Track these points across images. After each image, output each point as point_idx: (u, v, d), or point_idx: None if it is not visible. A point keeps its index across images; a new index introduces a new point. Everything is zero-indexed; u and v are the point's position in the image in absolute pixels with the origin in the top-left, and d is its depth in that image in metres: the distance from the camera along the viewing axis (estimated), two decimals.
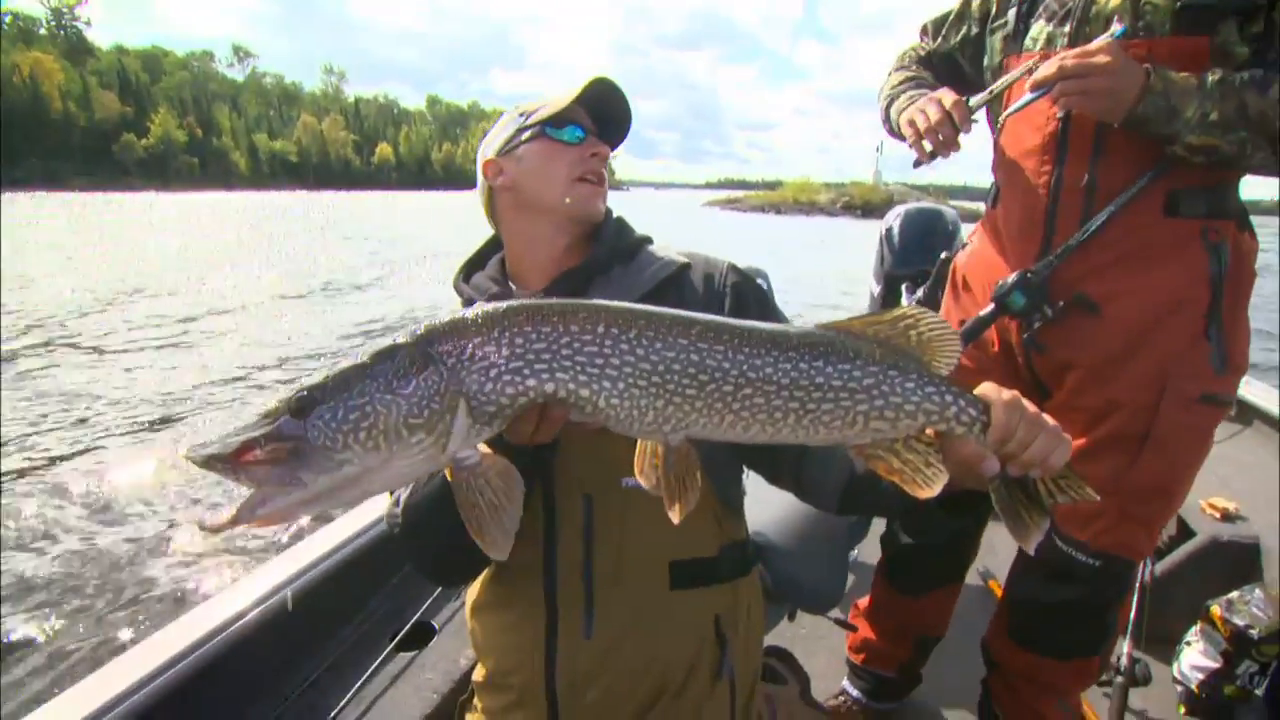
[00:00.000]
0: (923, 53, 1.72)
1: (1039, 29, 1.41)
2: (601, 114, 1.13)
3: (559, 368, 0.72)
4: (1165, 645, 2.04)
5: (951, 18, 1.66)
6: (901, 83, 1.64)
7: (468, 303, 1.02)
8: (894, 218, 2.41)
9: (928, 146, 1.45)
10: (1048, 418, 0.75)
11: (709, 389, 0.74)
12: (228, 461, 0.64)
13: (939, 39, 1.68)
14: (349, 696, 1.53)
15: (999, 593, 2.21)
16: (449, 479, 0.75)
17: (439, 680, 1.61)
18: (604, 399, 0.73)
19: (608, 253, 1.10)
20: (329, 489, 0.66)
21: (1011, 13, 1.47)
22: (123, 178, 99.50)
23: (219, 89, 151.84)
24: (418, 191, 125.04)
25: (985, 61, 1.57)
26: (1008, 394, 0.77)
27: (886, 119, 1.63)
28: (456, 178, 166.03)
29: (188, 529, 4.36)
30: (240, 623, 1.55)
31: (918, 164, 1.50)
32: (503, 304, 0.73)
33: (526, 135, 1.09)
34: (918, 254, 2.28)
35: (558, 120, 1.09)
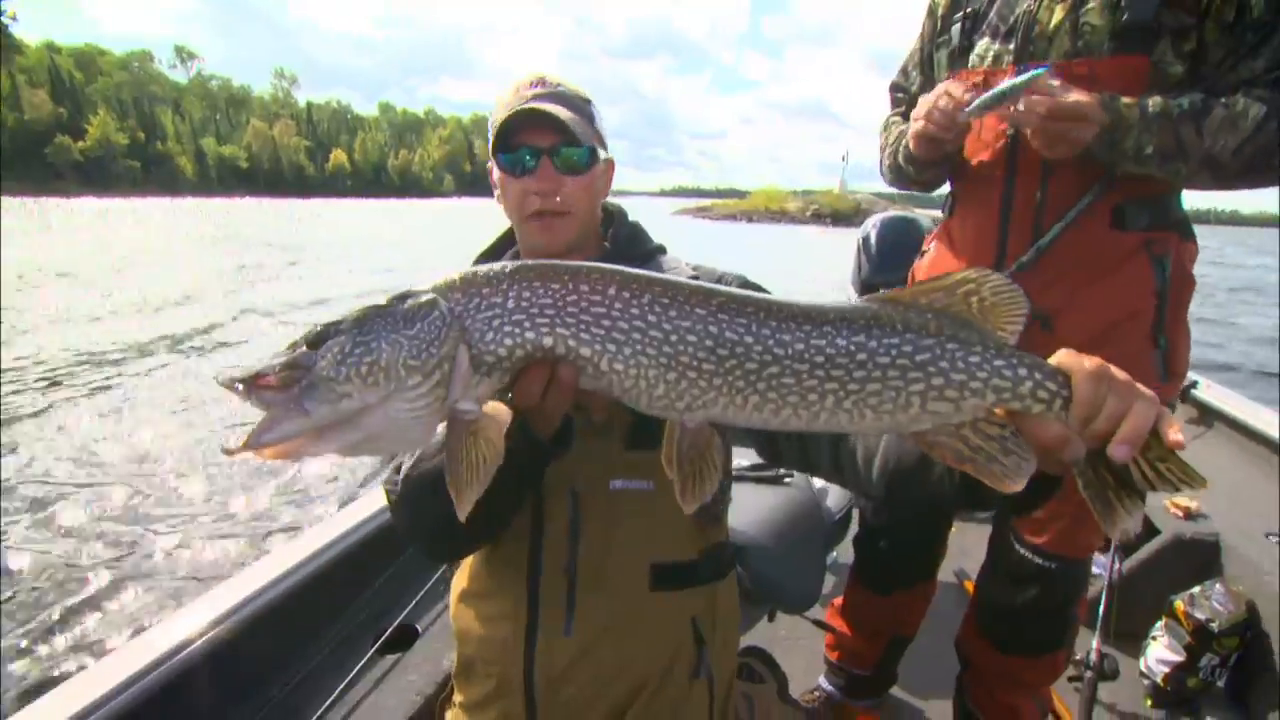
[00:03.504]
0: (901, 109, 1.73)
1: (984, 46, 1.44)
2: (542, 120, 1.02)
3: (561, 324, 0.70)
4: (1133, 640, 2.12)
5: (910, 62, 1.69)
6: (897, 134, 1.64)
7: None
8: (871, 226, 2.47)
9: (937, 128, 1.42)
10: (1142, 386, 0.64)
11: (729, 365, 0.68)
12: (244, 384, 0.66)
13: (909, 84, 1.70)
14: (332, 698, 1.53)
15: (973, 591, 2.27)
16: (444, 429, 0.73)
17: (421, 682, 1.62)
18: (607, 362, 0.70)
19: (618, 262, 1.07)
20: (331, 421, 0.67)
21: (955, 29, 1.50)
22: (56, 182, 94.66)
23: (161, 91, 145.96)
24: (375, 200, 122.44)
25: (935, 75, 1.60)
26: (1091, 361, 0.65)
27: (909, 161, 1.58)
28: (412, 186, 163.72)
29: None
30: (224, 624, 1.54)
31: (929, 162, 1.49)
32: (519, 262, 0.72)
33: (491, 151, 1.07)
34: (895, 261, 2.33)
35: (503, 143, 1.04)
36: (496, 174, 1.07)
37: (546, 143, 1.02)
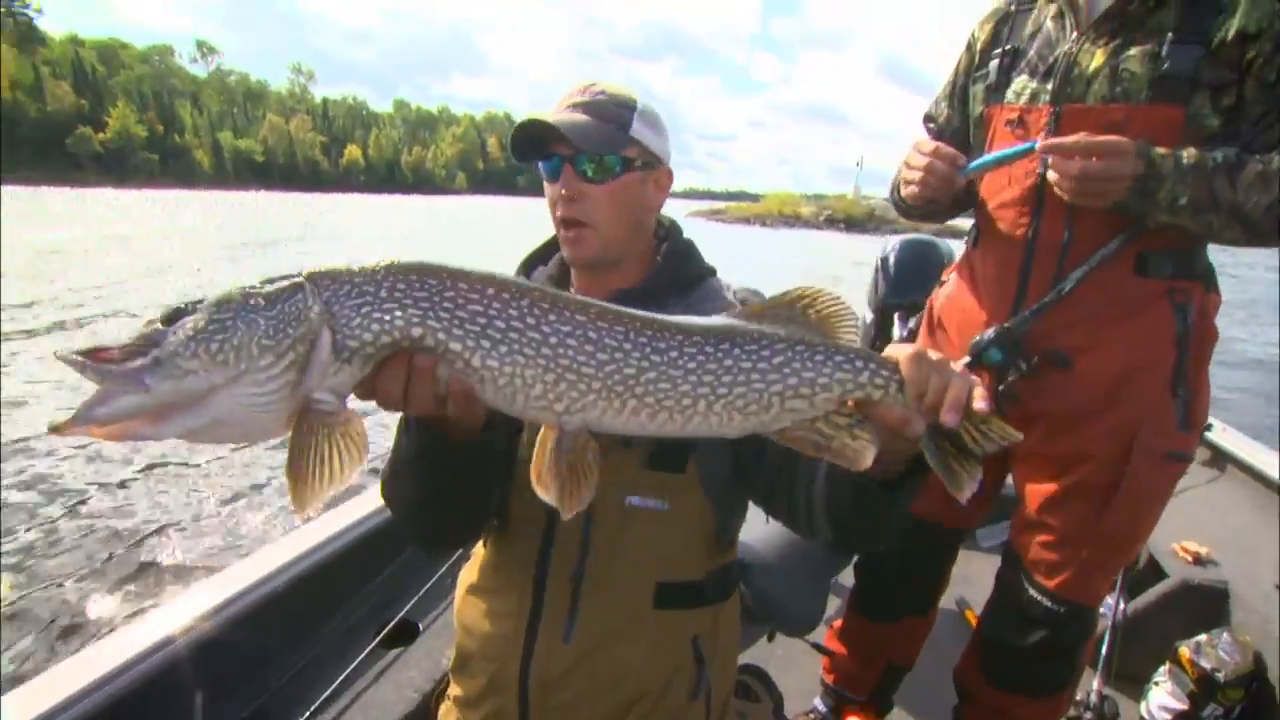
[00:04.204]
0: (930, 139, 1.73)
1: (1021, 84, 1.45)
2: (540, 131, 1.02)
3: (433, 316, 0.70)
4: (1134, 684, 2.08)
5: (942, 94, 1.70)
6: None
7: None
8: (891, 248, 2.46)
9: (914, 183, 1.51)
10: (952, 362, 0.75)
11: (608, 369, 0.71)
12: (84, 356, 0.62)
13: (938, 115, 1.71)
14: (331, 689, 1.54)
15: (974, 621, 2.25)
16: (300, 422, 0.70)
17: (421, 679, 1.63)
18: (480, 358, 0.71)
19: (665, 280, 1.09)
20: (170, 400, 0.64)
21: (993, 65, 1.51)
22: (75, 172, 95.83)
23: (180, 85, 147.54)
24: (388, 195, 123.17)
25: (969, 109, 1.61)
26: (909, 348, 0.76)
27: (901, 200, 1.66)
28: (426, 182, 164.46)
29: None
30: (225, 612, 1.55)
31: (912, 210, 1.56)
32: (395, 260, 0.71)
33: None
34: (913, 284, 2.32)
35: (538, 150, 1.03)
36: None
37: (569, 150, 1.01)
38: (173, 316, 0.66)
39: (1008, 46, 1.49)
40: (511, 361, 0.70)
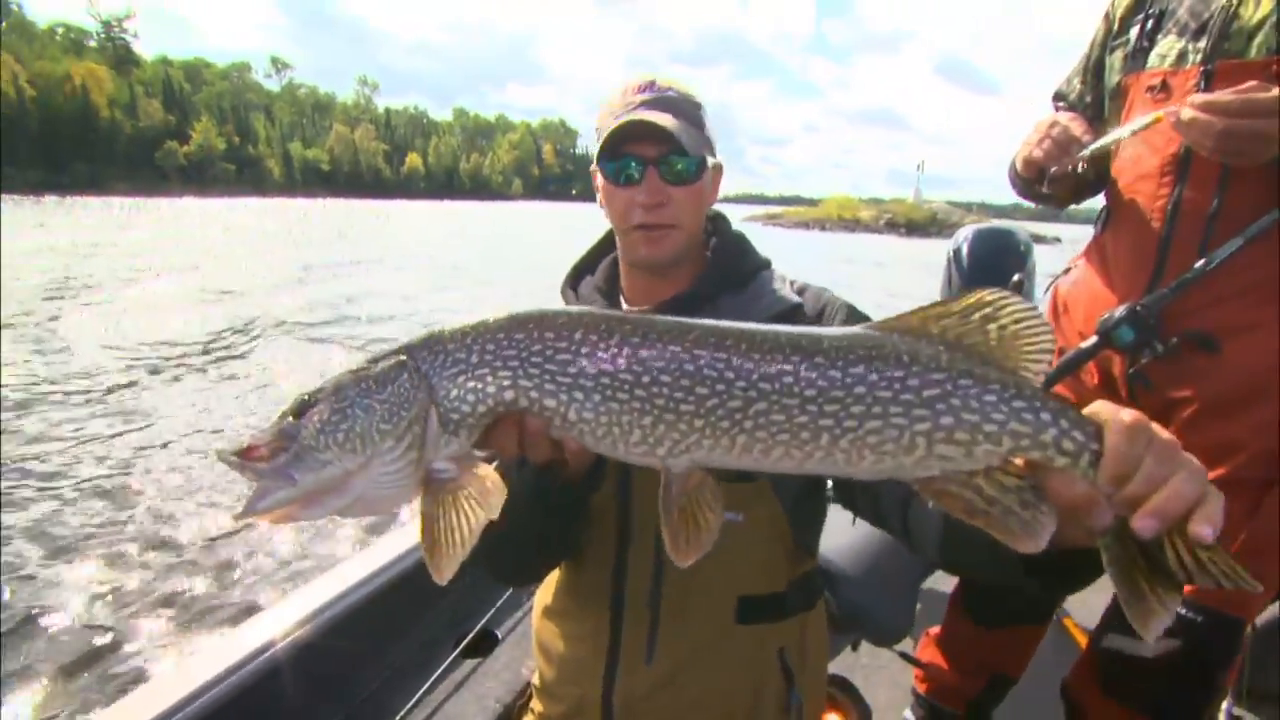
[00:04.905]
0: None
1: (1168, 44, 1.33)
2: (650, 132, 0.97)
3: (523, 375, 0.69)
4: (1270, 704, 1.90)
5: (1074, 70, 1.61)
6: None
7: None
8: (963, 238, 2.33)
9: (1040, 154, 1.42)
10: (1191, 456, 0.56)
11: (710, 404, 0.64)
12: (236, 457, 0.69)
13: (1069, 91, 1.62)
14: (414, 700, 1.56)
15: (1074, 631, 2.10)
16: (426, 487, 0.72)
17: (500, 690, 1.63)
18: (575, 412, 0.68)
19: (717, 279, 1.05)
20: (316, 488, 0.69)
21: (1134, 30, 1.41)
22: (162, 184, 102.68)
23: (256, 98, 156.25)
24: (447, 201, 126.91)
25: (1105, 81, 1.51)
26: (1129, 414, 0.57)
27: (1020, 178, 1.57)
28: (483, 188, 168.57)
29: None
30: (307, 627, 1.58)
31: (1053, 179, 1.45)
32: (495, 315, 0.72)
33: (596, 157, 1.03)
34: (989, 276, 2.20)
35: (609, 151, 1.00)
36: (600, 180, 1.04)
37: (653, 152, 0.98)
38: (301, 409, 0.70)
39: (1152, 10, 1.38)
40: (606, 410, 0.67)
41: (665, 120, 0.96)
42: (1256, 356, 1.26)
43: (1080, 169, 1.41)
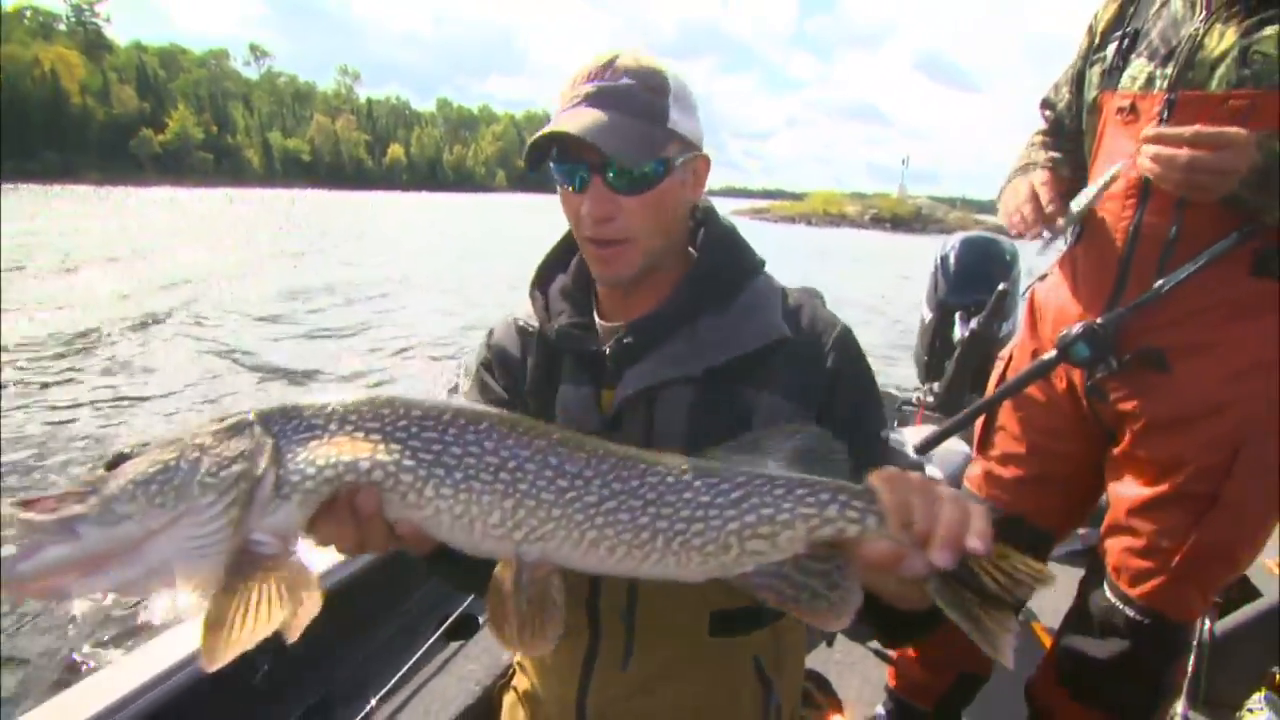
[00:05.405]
0: (1046, 126, 1.69)
1: (1139, 67, 1.36)
2: (585, 145, 0.83)
3: (384, 449, 0.67)
4: (1225, 710, 1.94)
5: (1063, 79, 1.64)
6: (1020, 165, 1.62)
7: (540, 314, 1.01)
8: (950, 246, 2.41)
9: (1017, 226, 1.49)
10: (942, 487, 0.64)
11: (569, 496, 0.67)
12: (14, 509, 0.58)
13: (1057, 100, 1.65)
14: (395, 679, 1.59)
15: (1041, 635, 2.18)
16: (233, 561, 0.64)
17: (481, 672, 1.67)
18: (433, 487, 0.67)
19: (694, 296, 0.93)
20: (104, 549, 0.59)
21: (1111, 47, 1.43)
22: (137, 173, 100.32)
23: (234, 87, 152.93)
24: (430, 193, 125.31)
25: (1085, 94, 1.54)
26: (888, 470, 0.66)
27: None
28: (466, 180, 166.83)
29: None
30: None
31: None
32: (355, 395, 0.70)
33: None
34: (975, 283, 2.28)
35: (557, 151, 0.87)
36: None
37: (598, 156, 0.83)
38: (116, 461, 0.63)
39: (1129, 28, 1.39)
40: (468, 489, 0.67)
41: (600, 117, 0.83)
42: (1204, 377, 1.31)
43: (1066, 239, 1.48)
